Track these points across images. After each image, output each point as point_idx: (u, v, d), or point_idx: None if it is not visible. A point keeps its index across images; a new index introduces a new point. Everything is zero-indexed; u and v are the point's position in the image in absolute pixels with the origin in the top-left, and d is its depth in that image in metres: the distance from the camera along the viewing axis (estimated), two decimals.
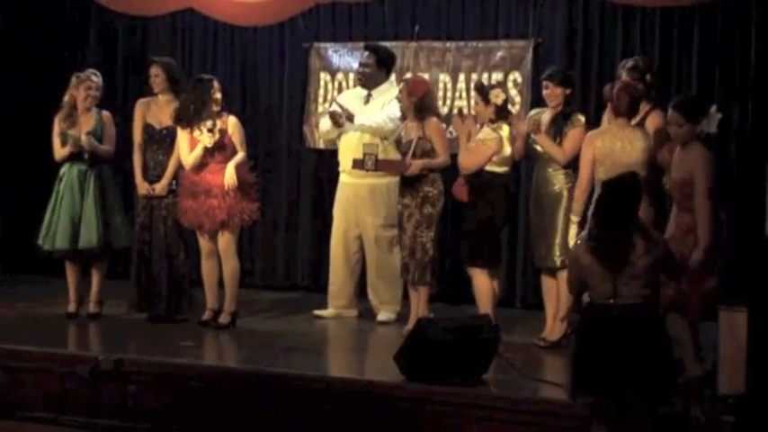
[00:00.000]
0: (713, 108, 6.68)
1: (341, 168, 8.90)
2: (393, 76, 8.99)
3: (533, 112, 8.09)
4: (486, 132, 7.82)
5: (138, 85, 9.94)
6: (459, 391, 6.37)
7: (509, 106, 8.18)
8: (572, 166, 7.70)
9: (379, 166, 8.22)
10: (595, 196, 6.15)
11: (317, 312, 8.86)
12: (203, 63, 10.38)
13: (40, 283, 9.90)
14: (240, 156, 8.18)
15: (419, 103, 8.06)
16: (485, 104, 7.84)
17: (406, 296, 8.54)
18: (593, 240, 5.77)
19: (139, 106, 8.59)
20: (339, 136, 8.90)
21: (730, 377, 5.96)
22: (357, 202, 8.78)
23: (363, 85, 8.90)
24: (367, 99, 8.84)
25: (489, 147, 7.77)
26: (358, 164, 8.36)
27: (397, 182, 8.33)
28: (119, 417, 6.94)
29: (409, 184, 8.08)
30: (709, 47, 8.86)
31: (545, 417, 6.14)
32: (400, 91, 8.21)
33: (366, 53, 8.93)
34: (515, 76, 9.43)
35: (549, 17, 9.38)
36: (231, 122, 8.24)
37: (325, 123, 8.98)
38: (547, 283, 7.86)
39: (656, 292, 5.80)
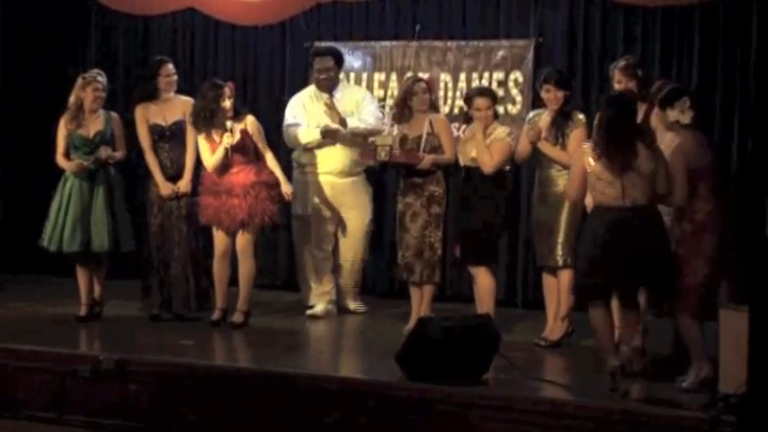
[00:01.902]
0: (684, 98, 6.68)
1: (320, 170, 8.90)
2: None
3: (532, 113, 8.11)
4: (500, 130, 7.87)
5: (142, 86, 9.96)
6: (460, 390, 6.37)
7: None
8: None
9: (394, 157, 8.20)
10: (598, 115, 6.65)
11: (310, 312, 8.87)
12: (204, 62, 10.39)
13: (41, 283, 9.91)
14: (271, 157, 8.25)
15: (434, 101, 8.26)
16: (493, 103, 7.96)
17: (405, 296, 8.55)
18: (600, 149, 6.45)
19: (140, 110, 8.54)
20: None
21: (731, 376, 5.96)
22: (341, 199, 8.88)
23: (327, 90, 8.92)
24: (331, 101, 8.90)
25: (510, 144, 7.86)
26: (369, 155, 8.40)
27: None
28: (120, 416, 6.95)
29: (414, 183, 8.09)
30: (710, 46, 8.86)
31: (546, 416, 6.14)
32: (424, 91, 8.18)
33: (323, 58, 8.95)
34: (516, 75, 9.44)
35: (550, 16, 9.38)
36: (250, 121, 8.27)
37: (312, 135, 8.86)
38: (548, 281, 7.87)
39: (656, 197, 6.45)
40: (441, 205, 8.08)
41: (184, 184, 8.42)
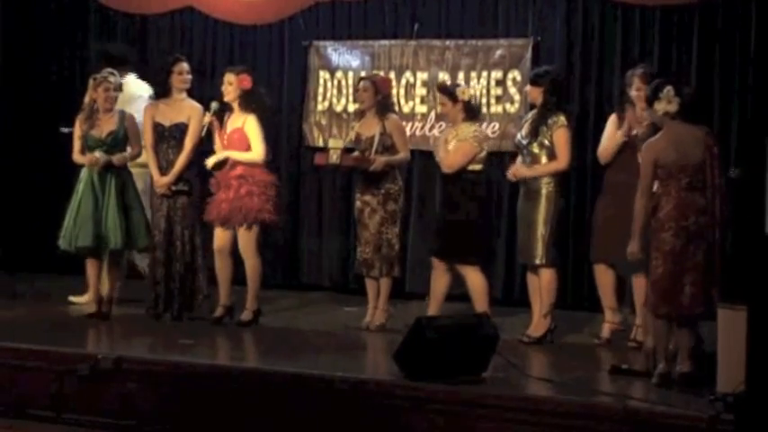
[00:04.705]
0: (667, 88, 6.68)
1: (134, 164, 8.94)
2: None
3: (530, 114, 8.16)
4: (466, 130, 7.88)
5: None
6: (459, 389, 6.37)
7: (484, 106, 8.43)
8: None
9: (345, 160, 8.25)
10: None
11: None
12: (202, 62, 10.37)
13: (41, 282, 9.90)
14: (250, 154, 8.26)
15: (384, 101, 8.25)
16: (453, 103, 7.98)
17: (399, 295, 8.59)
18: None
19: (148, 109, 8.55)
20: None
21: (730, 375, 5.97)
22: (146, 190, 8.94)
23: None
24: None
25: (472, 145, 7.89)
26: (322, 158, 8.42)
27: (143, 171, 8.65)
28: (118, 415, 6.94)
29: (370, 181, 8.17)
30: (709, 45, 8.86)
31: (545, 415, 6.14)
32: (364, 89, 8.27)
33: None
34: (515, 74, 9.44)
35: (548, 16, 9.39)
36: (248, 120, 8.33)
37: None
38: (531, 279, 7.97)
39: None
40: (397, 202, 8.20)
41: (161, 182, 8.39)
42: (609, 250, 7.79)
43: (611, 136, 7.84)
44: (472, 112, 8.06)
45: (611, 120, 7.96)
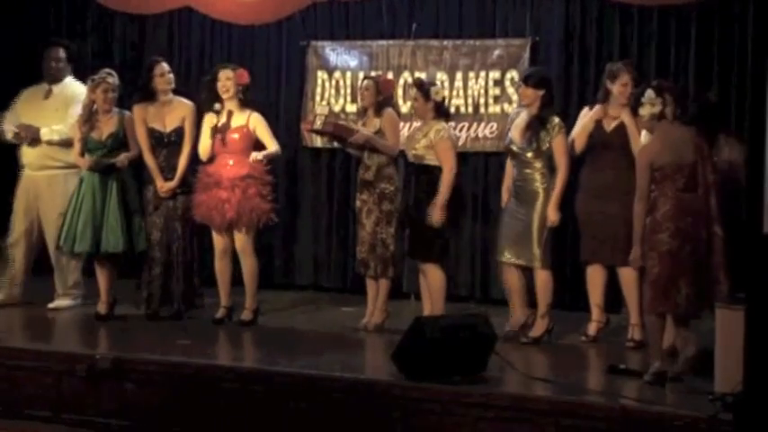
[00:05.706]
0: (647, 91, 6.70)
1: (24, 162, 9.11)
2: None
3: (514, 111, 8.18)
4: (435, 127, 7.91)
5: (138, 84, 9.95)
6: (458, 389, 6.38)
7: (447, 105, 8.48)
8: (549, 165, 7.78)
9: (327, 126, 8.27)
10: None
11: None
12: (200, 62, 10.38)
13: (39, 282, 9.89)
14: (272, 149, 8.32)
15: (384, 102, 8.26)
16: (425, 100, 8.01)
17: (397, 295, 8.59)
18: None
19: (138, 111, 8.48)
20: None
21: (728, 375, 5.97)
22: (38, 194, 8.95)
23: (52, 81, 9.08)
24: (47, 94, 9.09)
25: (449, 141, 7.92)
26: (309, 123, 8.52)
27: (73, 172, 8.63)
28: (116, 415, 6.94)
29: (367, 181, 8.18)
30: (707, 45, 8.87)
31: (544, 415, 6.15)
32: (366, 88, 8.27)
33: (54, 48, 9.14)
34: (513, 74, 9.44)
35: (546, 16, 9.40)
36: (253, 118, 8.32)
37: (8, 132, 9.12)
38: (512, 276, 7.96)
39: None
40: (393, 202, 8.16)
41: (167, 187, 8.40)
42: (593, 248, 7.83)
43: (585, 123, 7.92)
44: (442, 112, 8.09)
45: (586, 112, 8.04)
